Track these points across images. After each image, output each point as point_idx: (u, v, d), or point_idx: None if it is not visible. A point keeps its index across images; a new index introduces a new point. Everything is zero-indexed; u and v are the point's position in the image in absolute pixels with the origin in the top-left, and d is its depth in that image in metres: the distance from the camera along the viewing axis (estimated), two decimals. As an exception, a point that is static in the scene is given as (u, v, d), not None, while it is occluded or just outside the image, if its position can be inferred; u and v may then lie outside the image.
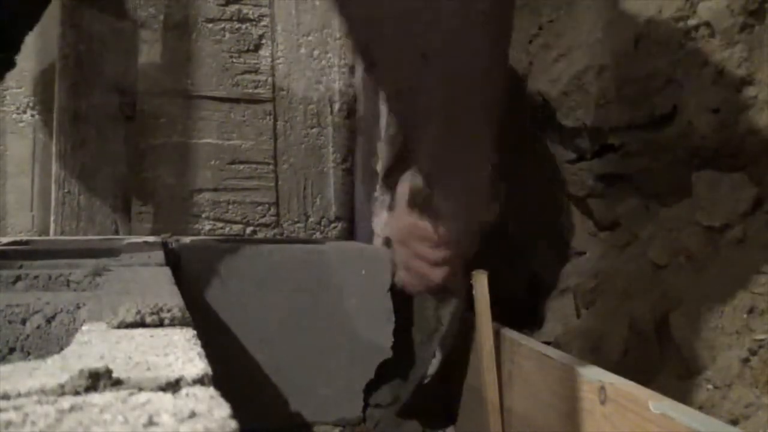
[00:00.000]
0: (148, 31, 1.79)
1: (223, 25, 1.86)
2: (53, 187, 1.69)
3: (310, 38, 1.93)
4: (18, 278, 0.77)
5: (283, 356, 1.21)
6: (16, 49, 1.04)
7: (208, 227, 1.84)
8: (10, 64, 1.05)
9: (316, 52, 1.94)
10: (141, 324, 0.47)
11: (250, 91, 1.88)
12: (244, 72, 1.88)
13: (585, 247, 1.35)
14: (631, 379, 0.72)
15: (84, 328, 0.46)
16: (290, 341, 1.21)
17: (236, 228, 1.86)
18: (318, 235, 1.91)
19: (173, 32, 1.82)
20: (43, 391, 0.30)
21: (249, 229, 1.88)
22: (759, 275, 0.93)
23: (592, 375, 0.74)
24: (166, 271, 0.85)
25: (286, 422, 1.19)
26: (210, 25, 1.85)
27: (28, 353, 0.58)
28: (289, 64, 1.91)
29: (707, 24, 1.11)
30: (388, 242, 1.38)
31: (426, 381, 1.12)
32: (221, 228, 1.85)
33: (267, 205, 1.89)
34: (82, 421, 0.26)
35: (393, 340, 1.25)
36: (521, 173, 1.42)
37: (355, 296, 1.24)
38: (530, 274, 1.24)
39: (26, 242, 1.28)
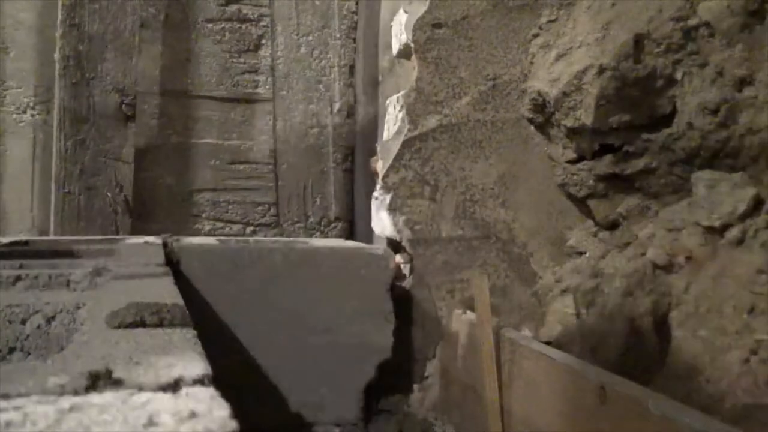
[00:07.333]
0: (148, 31, 1.79)
1: (223, 25, 1.85)
2: (53, 187, 1.69)
3: (310, 38, 1.93)
4: (18, 278, 0.77)
5: (282, 356, 1.21)
6: None
7: (208, 227, 1.84)
8: None
9: (316, 52, 1.93)
10: (141, 324, 0.47)
11: (250, 91, 1.88)
12: (244, 72, 1.88)
13: (585, 247, 1.35)
14: (631, 379, 0.72)
15: (84, 328, 0.46)
16: (290, 341, 1.21)
17: (236, 228, 1.86)
18: (318, 235, 1.90)
19: (173, 32, 1.82)
20: (43, 391, 0.30)
21: (249, 229, 1.88)
22: (759, 275, 0.93)
23: (592, 375, 0.74)
24: (167, 272, 0.85)
25: (286, 422, 1.19)
26: (210, 25, 1.84)
27: (28, 353, 0.58)
28: (289, 64, 1.91)
29: (707, 24, 1.11)
30: (389, 242, 1.38)
31: None
32: (221, 228, 1.85)
33: (267, 205, 1.89)
34: (82, 421, 0.26)
35: (393, 340, 1.25)
36: (521, 173, 1.41)
37: (355, 296, 1.24)
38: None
39: (26, 242, 1.28)
